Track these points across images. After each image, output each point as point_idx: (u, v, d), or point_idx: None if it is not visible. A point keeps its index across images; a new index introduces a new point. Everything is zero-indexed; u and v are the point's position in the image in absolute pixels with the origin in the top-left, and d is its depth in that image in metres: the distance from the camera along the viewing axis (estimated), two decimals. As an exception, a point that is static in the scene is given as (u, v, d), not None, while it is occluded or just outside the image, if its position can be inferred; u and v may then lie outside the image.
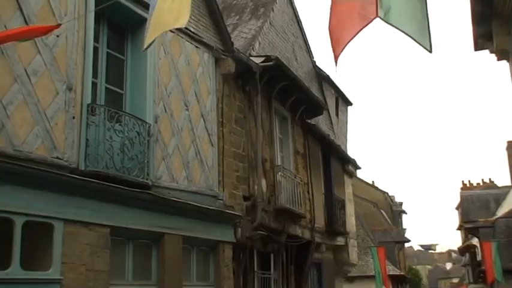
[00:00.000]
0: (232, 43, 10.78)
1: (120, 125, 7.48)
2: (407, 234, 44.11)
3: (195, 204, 8.85)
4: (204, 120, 9.74)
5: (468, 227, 31.57)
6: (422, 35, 3.86)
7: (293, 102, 13.89)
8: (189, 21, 5.71)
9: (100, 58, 7.90)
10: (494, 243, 21.90)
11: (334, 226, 16.17)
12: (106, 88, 7.94)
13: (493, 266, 21.34)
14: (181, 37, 9.29)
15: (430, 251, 73.53)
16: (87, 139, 6.99)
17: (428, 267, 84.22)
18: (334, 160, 17.42)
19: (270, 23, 14.23)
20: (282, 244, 12.64)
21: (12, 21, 6.19)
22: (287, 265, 13.08)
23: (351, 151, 29.91)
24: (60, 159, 6.59)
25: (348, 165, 19.42)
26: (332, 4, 4.37)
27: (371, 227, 32.24)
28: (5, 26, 6.07)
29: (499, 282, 21.91)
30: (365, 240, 27.57)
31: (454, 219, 60.22)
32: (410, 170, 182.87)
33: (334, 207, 16.36)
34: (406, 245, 43.99)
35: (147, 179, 7.83)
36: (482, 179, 44.14)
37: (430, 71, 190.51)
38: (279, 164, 13.05)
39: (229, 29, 12.38)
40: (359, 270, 24.02)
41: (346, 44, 4.25)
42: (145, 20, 8.12)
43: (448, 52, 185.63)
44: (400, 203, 48.18)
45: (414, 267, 56.08)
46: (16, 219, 5.92)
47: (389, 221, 39.30)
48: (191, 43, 9.63)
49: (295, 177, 13.46)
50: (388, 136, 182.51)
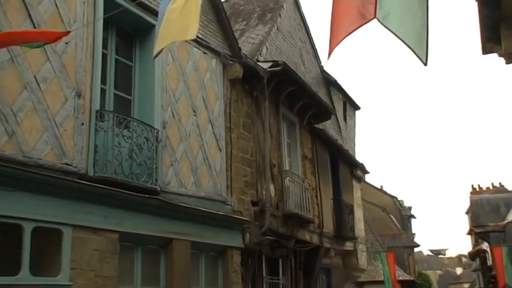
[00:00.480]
0: (239, 48, 10.81)
1: (128, 130, 7.52)
2: (416, 239, 43.94)
3: (204, 209, 8.86)
4: (212, 125, 9.76)
5: (478, 232, 31.33)
6: (419, 45, 3.75)
7: (301, 107, 13.90)
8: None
9: (108, 64, 7.95)
10: (504, 247, 21.66)
11: (342, 231, 16.12)
12: (114, 94, 7.99)
13: (504, 271, 21.11)
14: (189, 43, 9.32)
15: (439, 256, 72.92)
16: (96, 145, 7.04)
17: (439, 272, 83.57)
18: (342, 165, 17.39)
19: (277, 28, 14.27)
20: (290, 249, 12.62)
21: (22, 29, 6.24)
22: (296, 270, 13.05)
23: (359, 156, 29.87)
24: (69, 165, 6.64)
25: (356, 169, 19.38)
26: None
27: (380, 231, 32.03)
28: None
29: (510, 287, 21.70)
30: (374, 245, 27.40)
31: (464, 223, 59.87)
32: (419, 174, 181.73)
33: (342, 212, 16.32)
34: (416, 249, 43.67)
35: (155, 185, 7.85)
36: (492, 183, 43.52)
37: (438, 75, 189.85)
38: (287, 169, 13.04)
39: (237, 35, 12.43)
40: (368, 275, 23.85)
41: (342, 38, 4.25)
42: (153, 26, 8.22)
43: (456, 56, 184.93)
44: (409, 208, 47.92)
45: (424, 272, 55.58)
46: (25, 225, 5.96)
47: (398, 225, 39.05)
48: (199, 49, 9.68)
49: (304, 182, 13.44)
50: (396, 140, 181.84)
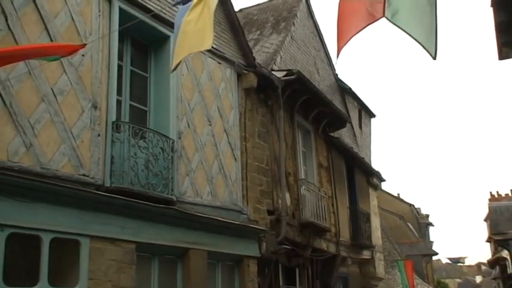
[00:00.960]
0: (254, 58, 10.84)
1: (144, 141, 7.56)
2: (434, 247, 43.32)
3: (220, 219, 8.86)
4: (227, 135, 9.78)
5: (497, 239, 30.89)
6: (428, 40, 3.81)
7: (316, 115, 13.87)
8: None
9: (124, 76, 8.02)
10: (525, 255, 21.36)
11: (359, 239, 16.01)
12: (130, 105, 8.05)
13: (524, 279, 20.80)
14: (204, 53, 9.36)
15: (458, 264, 72.01)
16: (112, 156, 7.08)
17: (458, 280, 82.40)
18: (358, 173, 17.31)
19: (291, 37, 14.29)
20: (307, 258, 12.54)
21: (39, 42, 6.34)
22: (312, 279, 12.96)
23: (375, 163, 29.64)
24: (86, 176, 6.69)
25: (373, 177, 19.25)
26: None
27: (397, 240, 31.71)
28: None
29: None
30: (391, 253, 27.14)
31: (483, 231, 59.02)
32: (436, 181, 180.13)
33: (359, 220, 16.21)
34: (434, 258, 43.13)
35: (171, 195, 7.88)
36: (511, 190, 43.10)
37: (455, 81, 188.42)
38: (303, 177, 12.99)
39: (251, 44, 12.47)
40: (386, 284, 23.61)
41: (350, 37, 4.27)
42: (167, 37, 8.30)
43: (473, 61, 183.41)
44: (427, 215, 47.37)
45: (443, 280, 54.91)
46: (43, 236, 6.01)
47: (416, 233, 38.63)
48: (213, 59, 9.72)
49: (319, 191, 13.39)
50: (413, 147, 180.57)
